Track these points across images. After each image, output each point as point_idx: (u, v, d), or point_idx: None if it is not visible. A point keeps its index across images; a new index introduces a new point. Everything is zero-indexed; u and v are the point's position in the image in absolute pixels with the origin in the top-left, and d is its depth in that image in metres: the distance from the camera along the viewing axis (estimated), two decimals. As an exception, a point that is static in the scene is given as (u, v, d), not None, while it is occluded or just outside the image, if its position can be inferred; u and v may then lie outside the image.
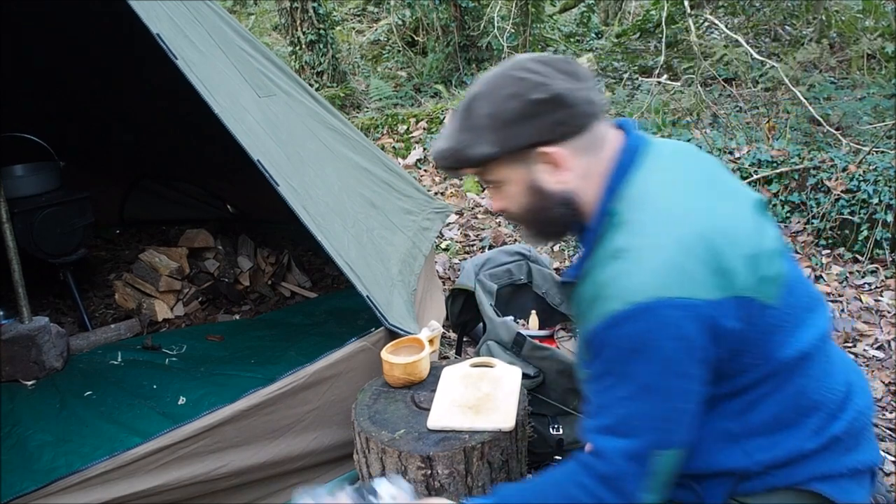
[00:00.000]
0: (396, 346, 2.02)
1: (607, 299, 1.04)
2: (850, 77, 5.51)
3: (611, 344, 1.05)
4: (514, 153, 1.13)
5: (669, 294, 1.00)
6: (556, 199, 1.16)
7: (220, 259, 3.63)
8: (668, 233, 1.05)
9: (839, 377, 1.20)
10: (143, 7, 2.07)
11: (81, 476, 1.75)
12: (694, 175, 1.17)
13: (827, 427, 1.16)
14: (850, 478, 1.18)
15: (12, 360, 2.63)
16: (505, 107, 1.10)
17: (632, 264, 1.04)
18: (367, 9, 10.42)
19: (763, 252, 1.09)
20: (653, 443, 1.05)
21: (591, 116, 1.12)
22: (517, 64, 1.14)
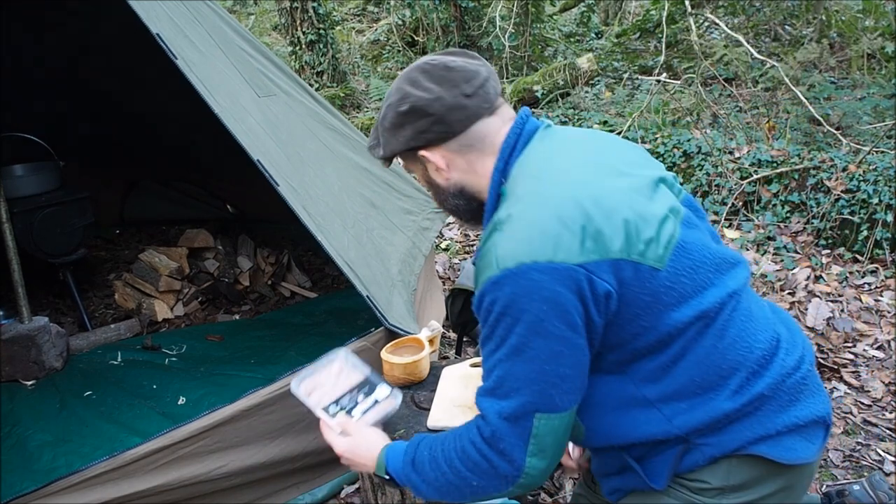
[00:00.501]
0: (396, 346, 2.02)
1: (484, 269, 1.11)
2: (851, 77, 5.52)
3: (485, 309, 1.11)
4: (402, 154, 1.27)
5: (537, 258, 1.05)
6: (448, 191, 1.28)
7: (220, 259, 3.63)
8: (539, 201, 1.11)
9: (760, 335, 1.19)
10: (143, 7, 2.07)
11: (81, 476, 1.76)
12: (582, 154, 1.23)
13: (748, 386, 1.15)
14: (793, 433, 1.17)
15: (12, 360, 2.63)
16: (386, 116, 1.25)
17: (504, 233, 1.10)
18: (367, 9, 10.42)
19: (645, 218, 1.12)
20: (527, 404, 1.09)
21: (461, 121, 1.20)
22: (409, 70, 1.25)
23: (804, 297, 3.20)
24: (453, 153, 1.24)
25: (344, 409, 1.43)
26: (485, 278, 1.10)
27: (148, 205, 4.57)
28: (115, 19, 2.28)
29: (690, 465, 1.18)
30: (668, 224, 1.14)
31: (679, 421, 1.15)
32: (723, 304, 1.16)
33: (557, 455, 1.14)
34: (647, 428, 1.16)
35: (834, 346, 2.84)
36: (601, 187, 1.13)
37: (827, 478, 2.18)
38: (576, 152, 1.22)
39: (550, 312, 1.05)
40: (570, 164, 1.18)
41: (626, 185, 1.16)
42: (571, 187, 1.12)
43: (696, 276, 1.15)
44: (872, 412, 2.48)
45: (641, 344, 1.13)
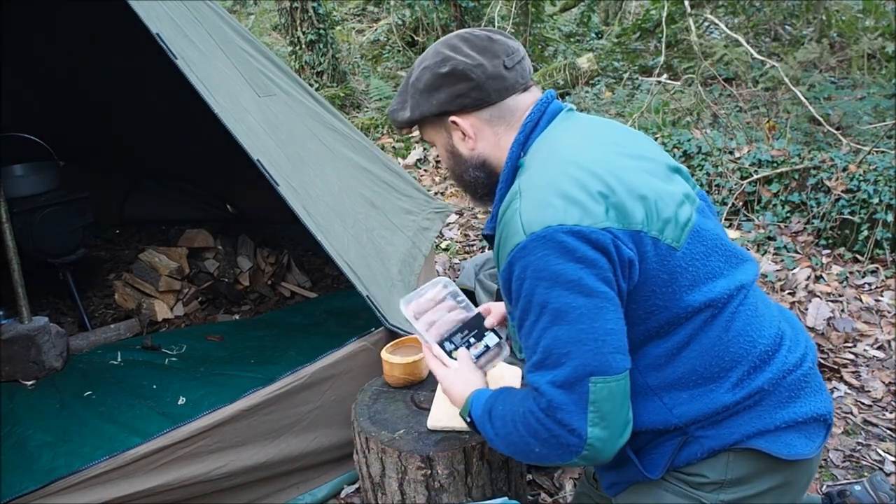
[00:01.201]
0: (396, 346, 2.02)
1: (510, 237, 1.10)
2: (851, 77, 5.51)
3: (518, 278, 1.09)
4: (429, 119, 1.27)
5: (564, 221, 1.05)
6: (470, 162, 1.28)
7: (220, 259, 3.62)
8: (562, 171, 1.12)
9: (765, 331, 1.20)
10: (143, 7, 2.07)
11: (81, 476, 1.76)
12: (602, 136, 1.24)
13: (748, 380, 1.16)
14: (792, 430, 1.17)
15: (12, 360, 2.62)
16: (420, 77, 1.24)
17: (527, 200, 1.10)
18: (367, 9, 10.41)
19: (663, 197, 1.14)
20: (579, 367, 1.05)
21: (497, 91, 1.22)
22: (447, 38, 1.26)
23: (804, 297, 3.20)
24: (483, 122, 1.24)
25: (456, 347, 1.46)
26: (511, 246, 1.09)
27: (148, 205, 4.57)
28: (116, 19, 2.28)
29: (689, 457, 1.18)
30: (684, 207, 1.16)
31: (679, 411, 1.15)
32: (731, 296, 1.17)
33: (618, 425, 1.10)
34: (647, 416, 1.17)
35: (834, 346, 2.83)
36: (622, 166, 1.15)
37: (827, 478, 2.18)
38: (596, 134, 1.24)
39: (586, 270, 1.05)
40: (590, 143, 1.21)
41: (645, 168, 1.18)
42: (593, 162, 1.14)
43: (708, 263, 1.16)
44: (873, 412, 2.48)
45: (653, 324, 1.14)
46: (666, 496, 1.21)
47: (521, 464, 1.85)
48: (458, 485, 1.66)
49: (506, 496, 1.69)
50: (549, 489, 2.15)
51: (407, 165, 5.48)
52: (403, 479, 1.67)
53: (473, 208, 4.68)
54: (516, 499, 1.69)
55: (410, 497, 1.69)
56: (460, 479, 1.66)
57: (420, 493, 1.67)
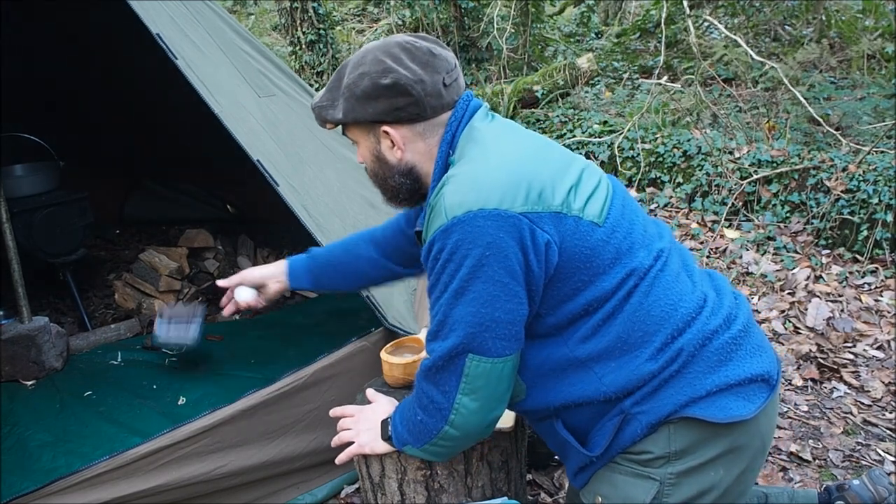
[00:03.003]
0: (396, 346, 2.02)
1: (434, 219, 1.17)
2: (850, 77, 5.51)
3: (434, 257, 1.17)
4: (359, 124, 1.28)
5: (483, 205, 1.11)
6: (396, 169, 1.31)
7: (220, 259, 3.62)
8: (486, 159, 1.19)
9: (687, 296, 1.22)
10: (143, 7, 2.07)
11: (81, 476, 1.76)
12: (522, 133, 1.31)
13: (670, 344, 1.18)
14: (725, 393, 1.18)
15: (12, 360, 2.62)
16: (358, 83, 1.24)
17: (452, 186, 1.16)
18: (367, 9, 10.42)
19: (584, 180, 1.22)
20: (460, 344, 1.15)
21: (434, 108, 1.25)
22: (386, 44, 1.26)
23: (804, 297, 3.20)
24: (415, 135, 1.27)
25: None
26: (434, 228, 1.16)
27: (148, 205, 4.56)
28: (116, 19, 2.28)
29: (632, 436, 1.20)
30: (601, 185, 1.24)
31: (608, 379, 1.19)
32: (651, 264, 1.21)
33: (492, 401, 1.20)
34: (580, 387, 1.21)
35: (834, 346, 2.84)
36: (544, 156, 1.23)
37: (827, 477, 2.18)
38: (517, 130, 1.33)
39: (491, 258, 1.11)
40: (513, 137, 1.27)
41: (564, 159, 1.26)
42: (517, 152, 1.22)
43: (630, 236, 1.21)
44: (872, 412, 2.48)
45: (581, 301, 1.18)
46: (619, 478, 1.24)
47: (522, 464, 1.85)
48: (458, 485, 1.66)
49: (506, 496, 1.69)
50: (549, 489, 2.15)
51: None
52: (403, 479, 1.67)
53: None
54: (516, 499, 1.69)
55: (410, 497, 1.69)
56: (460, 479, 1.66)
57: (420, 493, 1.67)
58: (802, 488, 2.13)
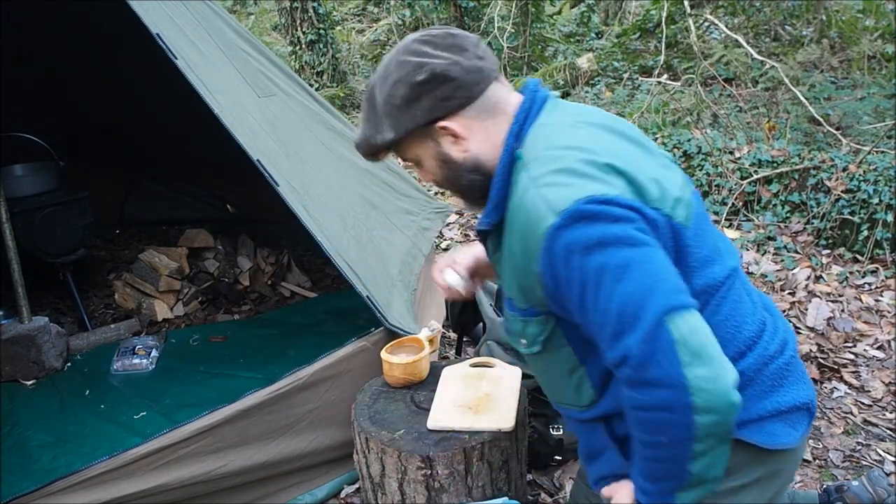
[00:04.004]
0: (396, 346, 2.02)
1: (537, 223, 1.07)
2: (851, 77, 5.51)
3: (564, 258, 1.05)
4: (414, 133, 1.19)
5: (587, 193, 1.04)
6: (464, 166, 1.22)
7: (220, 259, 3.62)
8: (572, 156, 1.10)
9: (749, 318, 1.19)
10: (143, 7, 2.07)
11: (81, 476, 1.76)
12: (599, 120, 1.23)
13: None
14: (775, 419, 1.17)
15: (12, 360, 2.62)
16: (393, 93, 1.16)
17: (545, 185, 1.08)
18: (367, 9, 10.42)
19: (669, 177, 1.15)
20: (657, 313, 1.00)
21: (478, 84, 1.17)
22: (402, 48, 1.19)
23: (804, 297, 3.20)
24: (471, 120, 1.18)
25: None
26: (542, 230, 1.05)
27: (148, 205, 4.56)
28: (116, 19, 2.28)
29: None
30: (686, 190, 1.18)
31: None
32: (723, 281, 1.17)
33: (716, 358, 1.01)
34: None
35: (834, 346, 2.83)
36: (627, 150, 1.16)
37: (827, 478, 2.18)
38: (591, 119, 1.23)
39: (626, 224, 1.04)
40: (589, 128, 1.19)
41: (644, 153, 1.19)
42: (600, 145, 1.13)
43: (706, 247, 1.17)
44: (872, 412, 2.48)
45: None
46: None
47: (522, 464, 1.85)
48: (458, 485, 1.66)
49: (506, 496, 1.70)
50: (549, 489, 2.15)
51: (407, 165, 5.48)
52: (403, 479, 1.67)
53: (473, 208, 4.68)
54: (516, 499, 1.69)
55: (410, 497, 1.69)
56: (460, 479, 1.66)
57: (420, 493, 1.67)
58: (803, 489, 2.13)
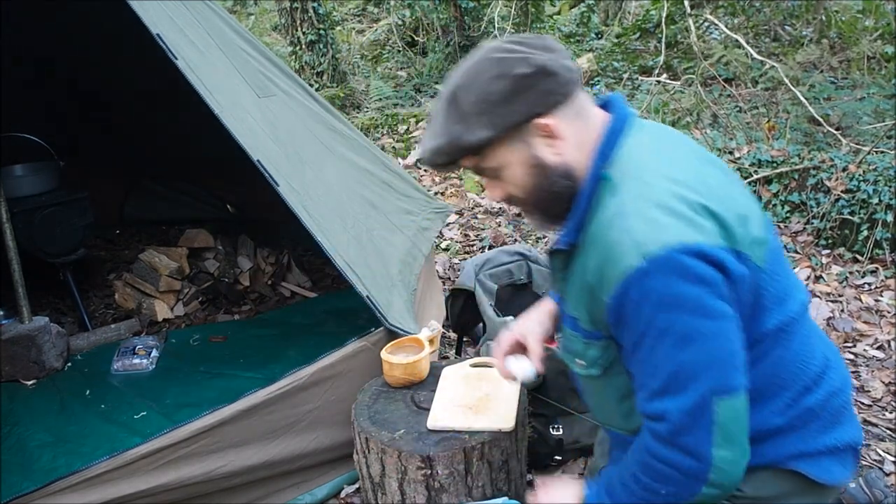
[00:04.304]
0: (396, 346, 2.02)
1: (620, 258, 1.04)
2: (851, 77, 5.51)
3: (637, 303, 1.04)
4: (510, 132, 1.12)
5: (683, 240, 1.01)
6: (557, 172, 1.15)
7: (220, 259, 3.63)
8: (662, 186, 1.07)
9: (816, 352, 1.20)
10: (143, 7, 2.07)
11: (81, 476, 1.76)
12: (681, 145, 1.20)
13: (799, 401, 1.16)
14: (830, 456, 1.18)
15: (12, 360, 2.62)
16: (491, 89, 1.10)
17: (636, 220, 1.04)
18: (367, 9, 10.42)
19: (752, 215, 1.12)
20: (707, 391, 1.02)
21: (573, 83, 1.14)
22: (491, 49, 1.14)
23: (804, 297, 3.20)
24: (566, 122, 1.13)
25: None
26: (624, 269, 1.03)
27: (148, 205, 4.56)
28: (116, 19, 2.28)
29: None
30: (766, 227, 1.15)
31: None
32: (796, 317, 1.16)
33: (742, 444, 1.07)
34: None
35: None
36: (716, 181, 1.12)
37: (827, 478, 2.18)
38: (679, 143, 1.20)
39: (708, 291, 1.02)
40: (678, 154, 1.16)
41: (731, 182, 1.16)
42: (689, 176, 1.10)
43: (782, 283, 1.15)
44: (872, 412, 2.48)
45: None
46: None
47: (522, 464, 1.85)
48: (458, 485, 1.66)
49: (506, 496, 1.70)
50: (549, 489, 2.15)
51: (407, 165, 5.49)
52: (403, 479, 1.67)
53: (473, 208, 4.68)
54: (516, 499, 1.69)
55: (410, 497, 1.69)
56: (460, 479, 1.66)
57: (420, 493, 1.67)
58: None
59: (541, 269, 2.69)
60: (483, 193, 4.86)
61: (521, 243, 4.03)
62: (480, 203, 4.73)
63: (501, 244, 3.99)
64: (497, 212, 4.58)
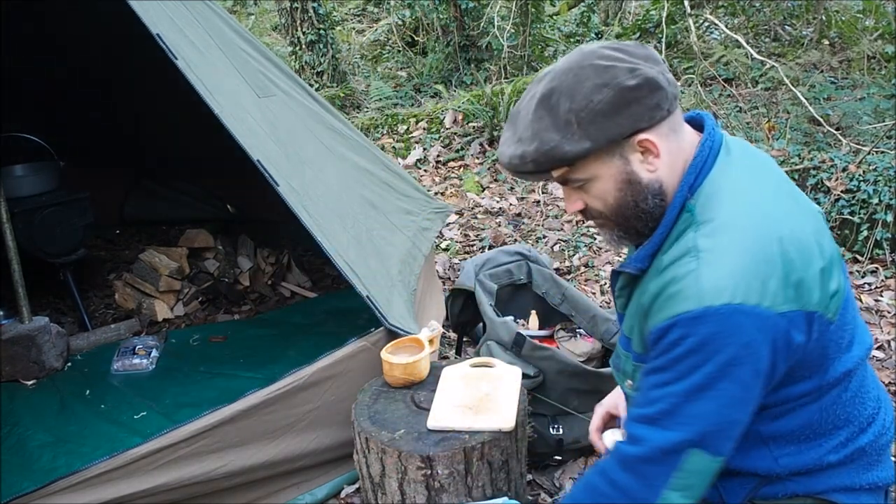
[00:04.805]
0: (396, 346, 2.02)
1: (679, 298, 1.02)
2: (851, 77, 5.51)
3: (673, 341, 1.03)
4: (608, 146, 1.07)
5: (743, 301, 0.98)
6: (649, 189, 1.11)
7: (220, 259, 3.63)
8: (747, 237, 1.03)
9: (871, 392, 1.20)
10: (143, 7, 2.07)
11: (81, 476, 1.76)
12: (767, 179, 1.15)
13: (854, 440, 1.16)
14: (870, 492, 1.18)
15: (12, 360, 2.63)
16: (595, 98, 1.04)
17: (708, 266, 1.01)
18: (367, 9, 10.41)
19: (830, 266, 1.07)
20: (691, 441, 1.03)
21: (675, 99, 1.10)
22: (592, 54, 1.08)
23: (804, 297, 3.20)
24: (665, 139, 1.09)
25: None
26: (680, 311, 1.01)
27: (148, 205, 4.57)
28: (116, 20, 2.28)
29: (769, 494, 1.18)
30: (839, 274, 1.11)
31: (784, 462, 1.15)
32: (860, 362, 1.16)
33: (697, 497, 1.08)
34: (752, 462, 1.16)
35: (834, 346, 2.83)
36: (800, 230, 1.07)
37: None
38: (766, 180, 1.14)
39: (745, 359, 1.00)
40: (765, 194, 1.11)
41: (813, 228, 1.10)
42: (775, 226, 1.05)
43: (849, 331, 1.14)
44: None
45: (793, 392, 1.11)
46: None
47: (522, 464, 1.85)
48: (458, 485, 1.66)
49: (506, 496, 1.70)
50: (549, 489, 2.15)
51: (407, 165, 5.48)
52: (403, 479, 1.67)
53: (473, 208, 4.68)
54: (516, 499, 1.69)
55: (410, 497, 1.69)
56: (460, 479, 1.66)
57: (420, 493, 1.67)
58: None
59: (541, 269, 2.69)
60: (483, 193, 4.86)
61: (521, 243, 4.03)
62: (480, 203, 4.73)
63: (501, 244, 3.99)
64: (497, 212, 4.58)
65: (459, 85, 7.17)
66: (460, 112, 5.80)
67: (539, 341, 2.24)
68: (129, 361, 2.70)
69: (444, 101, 6.55)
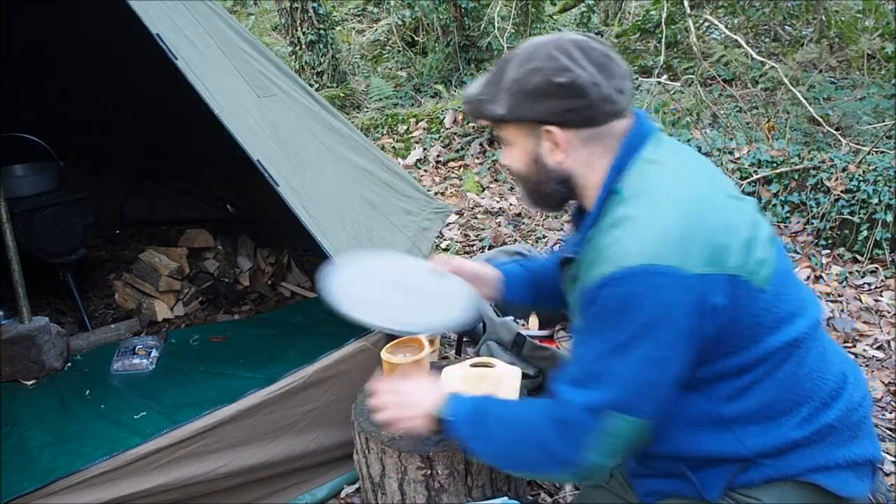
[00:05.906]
0: (396, 346, 2.02)
1: (602, 262, 1.08)
2: (850, 77, 5.51)
3: (597, 303, 1.08)
4: (524, 122, 1.19)
5: (661, 262, 1.03)
6: (552, 175, 1.22)
7: (220, 259, 3.63)
8: (668, 206, 1.09)
9: (833, 367, 1.21)
10: (143, 7, 2.07)
11: (81, 476, 1.76)
12: (694, 166, 1.22)
13: (817, 416, 1.16)
14: (849, 470, 1.19)
15: (12, 360, 2.63)
16: (528, 78, 1.15)
17: (629, 231, 1.08)
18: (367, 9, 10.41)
19: (757, 238, 1.12)
20: (613, 401, 1.07)
21: (606, 115, 1.15)
22: (559, 41, 1.17)
23: (804, 297, 3.19)
24: (580, 140, 1.18)
25: None
26: (602, 273, 1.07)
27: (148, 205, 4.56)
28: (116, 20, 2.28)
29: (746, 481, 1.18)
30: (772, 248, 1.16)
31: (750, 443, 1.16)
32: (808, 333, 1.17)
33: (619, 458, 1.13)
34: (717, 446, 1.17)
35: (834, 346, 2.83)
36: (723, 204, 1.14)
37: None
38: (693, 164, 1.22)
39: (664, 318, 1.04)
40: (692, 175, 1.17)
41: (741, 207, 1.17)
42: (698, 198, 1.12)
43: (791, 303, 1.16)
44: (872, 412, 2.48)
45: (731, 364, 1.13)
46: None
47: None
48: (458, 485, 1.66)
49: (506, 496, 1.70)
50: (549, 489, 2.15)
51: (407, 166, 5.49)
52: (403, 479, 1.67)
53: (473, 208, 4.68)
54: (516, 499, 1.69)
55: (410, 497, 1.69)
56: (460, 479, 1.66)
57: (420, 493, 1.67)
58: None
59: (541, 269, 2.69)
60: (483, 193, 4.87)
61: (521, 243, 4.03)
62: (480, 203, 4.73)
63: (501, 244, 3.99)
64: (497, 212, 4.58)
65: (459, 85, 7.17)
66: (460, 112, 5.80)
67: (539, 341, 2.24)
68: (129, 361, 2.70)
69: (444, 101, 6.56)
